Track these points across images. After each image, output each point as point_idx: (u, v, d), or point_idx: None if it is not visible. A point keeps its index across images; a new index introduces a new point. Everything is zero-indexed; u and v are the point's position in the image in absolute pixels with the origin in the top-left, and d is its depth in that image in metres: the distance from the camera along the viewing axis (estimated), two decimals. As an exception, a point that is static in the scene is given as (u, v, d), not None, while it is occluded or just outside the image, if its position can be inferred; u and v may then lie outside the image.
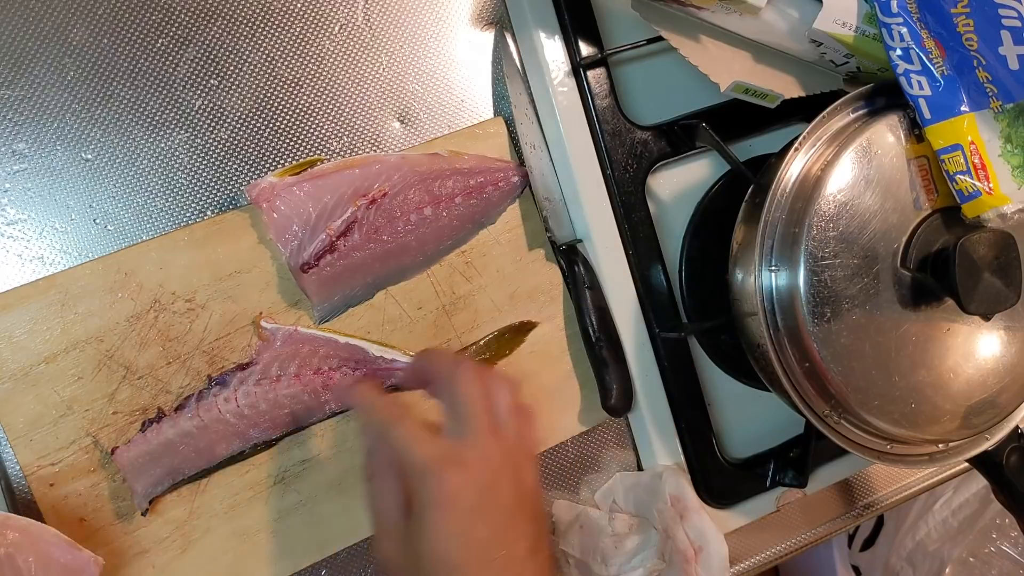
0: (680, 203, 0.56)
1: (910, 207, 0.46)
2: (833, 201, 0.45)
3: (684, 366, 0.54)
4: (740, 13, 0.48)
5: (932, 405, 0.47)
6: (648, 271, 0.53)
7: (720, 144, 0.50)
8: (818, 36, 0.48)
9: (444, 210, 0.50)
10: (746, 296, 0.47)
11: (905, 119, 0.47)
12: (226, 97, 0.49)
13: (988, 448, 0.51)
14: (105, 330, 0.45)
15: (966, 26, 0.45)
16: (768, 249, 0.46)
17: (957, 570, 1.00)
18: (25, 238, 0.45)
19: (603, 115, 0.52)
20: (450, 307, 0.52)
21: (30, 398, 0.44)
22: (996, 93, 0.45)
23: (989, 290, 0.44)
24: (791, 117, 0.55)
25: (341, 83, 0.51)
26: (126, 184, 0.47)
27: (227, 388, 0.46)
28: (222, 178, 0.49)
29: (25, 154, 0.45)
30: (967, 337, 0.48)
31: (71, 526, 0.45)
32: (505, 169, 0.52)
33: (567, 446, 0.56)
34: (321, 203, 0.47)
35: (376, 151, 0.51)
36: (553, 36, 0.51)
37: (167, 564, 0.46)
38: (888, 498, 0.64)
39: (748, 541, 0.59)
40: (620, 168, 0.52)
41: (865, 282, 0.45)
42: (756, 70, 0.50)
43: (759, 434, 0.58)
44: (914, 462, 0.50)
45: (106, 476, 0.46)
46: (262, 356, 0.47)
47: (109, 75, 0.46)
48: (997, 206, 0.45)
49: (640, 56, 0.55)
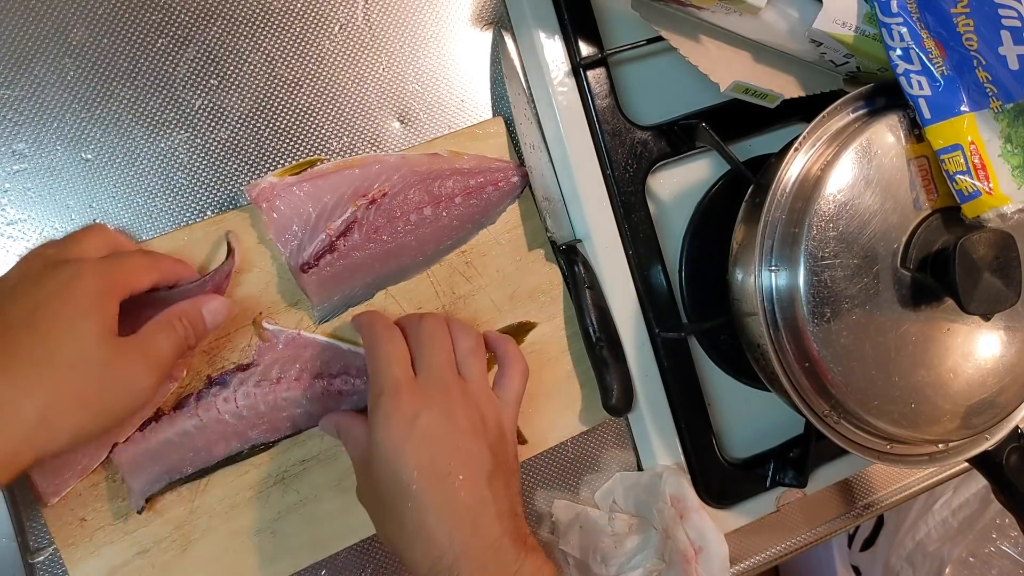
0: (680, 203, 0.56)
1: (910, 207, 0.46)
2: (833, 201, 0.45)
3: (684, 366, 0.54)
4: (740, 13, 0.48)
5: (932, 405, 0.47)
6: (648, 271, 0.53)
7: (720, 144, 0.50)
8: (818, 36, 0.48)
9: (444, 210, 0.50)
10: (746, 296, 0.47)
11: (905, 119, 0.47)
12: (226, 97, 0.49)
13: (988, 448, 0.51)
14: (105, 330, 0.45)
15: (966, 26, 0.45)
16: (768, 249, 0.46)
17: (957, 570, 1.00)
18: (25, 238, 0.45)
19: (603, 115, 0.52)
20: (450, 307, 0.52)
21: (30, 398, 0.44)
22: (996, 93, 0.45)
23: (989, 290, 0.44)
24: (791, 117, 0.55)
25: (341, 83, 0.51)
26: (126, 184, 0.47)
27: (227, 388, 0.46)
28: (222, 178, 0.49)
29: (25, 154, 0.45)
30: (967, 337, 0.48)
31: (71, 526, 0.45)
32: (505, 169, 0.52)
33: (567, 446, 0.56)
34: (321, 203, 0.47)
35: (376, 151, 0.51)
36: (553, 36, 0.51)
37: (167, 564, 0.46)
38: (888, 498, 0.64)
39: (748, 541, 0.59)
40: (620, 168, 0.52)
41: (865, 282, 0.45)
42: (756, 70, 0.50)
43: (759, 434, 0.58)
44: (914, 462, 0.50)
45: (106, 476, 0.46)
46: (263, 358, 0.47)
47: (109, 75, 0.46)
48: (997, 206, 0.45)
49: (640, 56, 0.55)
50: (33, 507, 0.45)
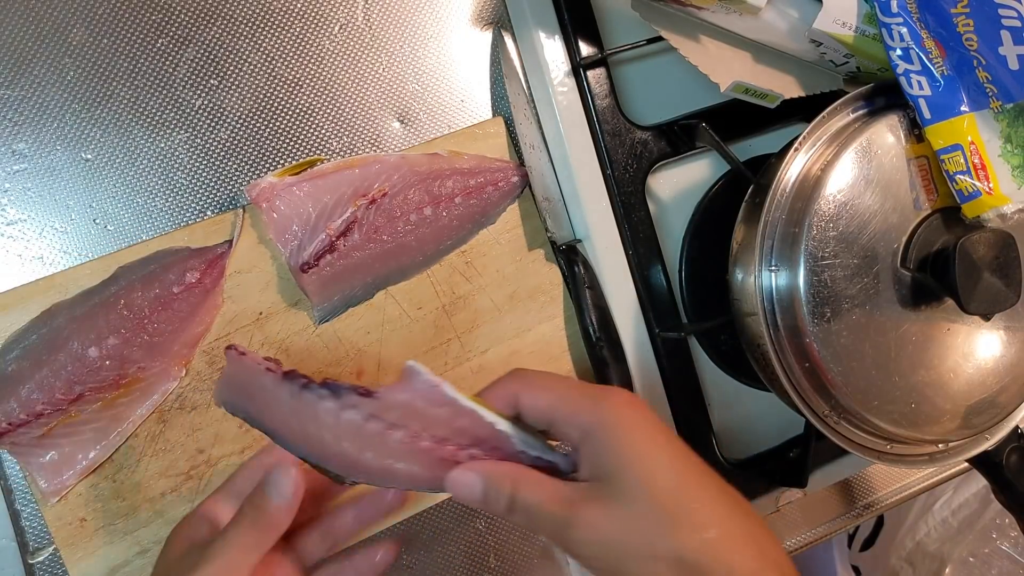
0: (680, 203, 0.56)
1: (910, 207, 0.46)
2: (833, 201, 0.45)
3: (684, 366, 0.54)
4: (740, 13, 0.48)
5: (932, 405, 0.47)
6: (648, 271, 0.53)
7: (720, 144, 0.50)
8: (818, 36, 0.48)
9: (444, 210, 0.50)
10: (746, 296, 0.47)
11: (905, 119, 0.47)
12: (226, 97, 0.49)
13: (988, 448, 0.51)
14: (105, 330, 0.45)
15: (966, 26, 0.45)
16: (768, 249, 0.46)
17: (957, 570, 1.00)
18: (25, 238, 0.45)
19: (603, 115, 0.52)
20: (450, 307, 0.52)
21: (30, 398, 0.44)
22: (996, 93, 0.45)
23: (989, 290, 0.44)
24: (791, 117, 0.55)
25: (341, 83, 0.51)
26: (126, 184, 0.47)
27: (336, 401, 0.37)
28: (222, 178, 0.49)
29: (25, 154, 0.45)
30: (967, 337, 0.48)
31: (71, 526, 0.45)
32: (505, 169, 0.52)
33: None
34: (321, 203, 0.47)
35: (376, 151, 0.51)
36: (553, 36, 0.51)
37: (167, 564, 0.46)
38: (888, 498, 0.64)
39: (748, 541, 0.59)
40: (620, 168, 0.52)
41: (865, 282, 0.45)
42: (756, 70, 0.50)
43: (759, 434, 0.58)
44: (914, 462, 0.50)
45: (106, 476, 0.46)
46: (386, 394, 0.37)
47: (109, 75, 0.46)
48: (997, 206, 0.45)
49: (640, 56, 0.55)
50: (33, 507, 0.45)
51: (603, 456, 0.33)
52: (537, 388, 0.36)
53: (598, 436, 0.34)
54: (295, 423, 0.38)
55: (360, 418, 0.36)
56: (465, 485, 0.35)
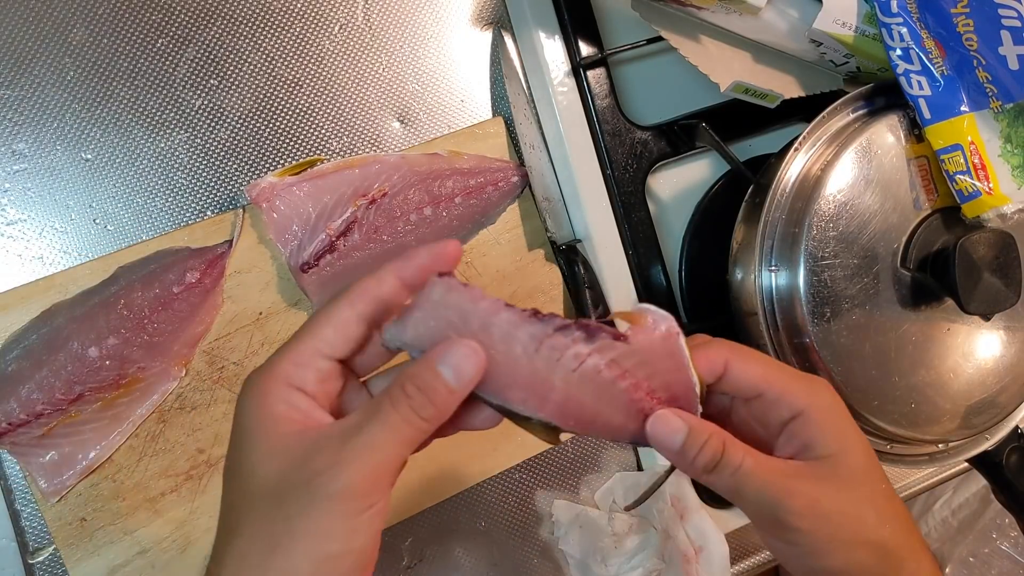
0: (680, 203, 0.56)
1: (910, 207, 0.46)
2: (833, 201, 0.45)
3: (684, 366, 0.54)
4: (740, 13, 0.48)
5: (932, 405, 0.47)
6: (648, 271, 0.53)
7: (720, 144, 0.50)
8: (818, 36, 0.48)
9: (444, 210, 0.50)
10: (746, 296, 0.47)
11: (905, 119, 0.47)
12: (226, 97, 0.49)
13: (988, 448, 0.51)
14: (105, 330, 0.45)
15: (966, 26, 0.45)
16: (768, 249, 0.46)
17: (957, 570, 1.00)
18: (25, 238, 0.45)
19: (603, 115, 0.52)
20: (450, 307, 0.52)
21: (30, 398, 0.44)
22: (996, 93, 0.45)
23: (989, 290, 0.44)
24: (791, 117, 0.55)
25: (341, 83, 0.51)
26: (126, 184, 0.47)
27: (588, 345, 0.33)
28: (222, 178, 0.49)
29: (25, 154, 0.45)
30: (967, 337, 0.48)
31: (71, 526, 0.45)
32: (505, 169, 0.52)
33: (567, 446, 0.56)
34: (321, 203, 0.47)
35: (376, 151, 0.51)
36: (553, 36, 0.51)
37: (167, 564, 0.46)
38: (888, 498, 0.64)
39: (748, 541, 0.59)
40: (620, 168, 0.52)
41: (865, 282, 0.45)
42: (756, 70, 0.50)
43: (759, 434, 0.58)
44: (914, 462, 0.50)
45: (106, 476, 0.46)
46: (635, 338, 0.34)
47: (109, 75, 0.46)
48: (997, 206, 0.45)
49: (640, 56, 0.55)
50: (33, 507, 0.45)
51: (819, 438, 0.34)
52: (751, 359, 0.36)
53: (814, 418, 0.34)
54: (523, 366, 0.33)
55: (603, 363, 0.33)
56: (672, 429, 0.34)
